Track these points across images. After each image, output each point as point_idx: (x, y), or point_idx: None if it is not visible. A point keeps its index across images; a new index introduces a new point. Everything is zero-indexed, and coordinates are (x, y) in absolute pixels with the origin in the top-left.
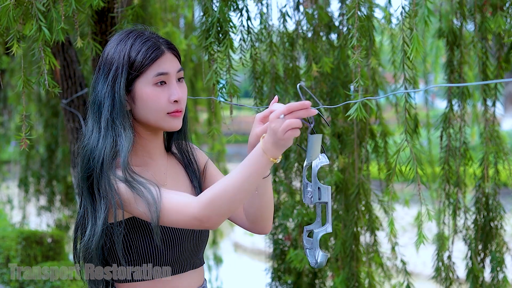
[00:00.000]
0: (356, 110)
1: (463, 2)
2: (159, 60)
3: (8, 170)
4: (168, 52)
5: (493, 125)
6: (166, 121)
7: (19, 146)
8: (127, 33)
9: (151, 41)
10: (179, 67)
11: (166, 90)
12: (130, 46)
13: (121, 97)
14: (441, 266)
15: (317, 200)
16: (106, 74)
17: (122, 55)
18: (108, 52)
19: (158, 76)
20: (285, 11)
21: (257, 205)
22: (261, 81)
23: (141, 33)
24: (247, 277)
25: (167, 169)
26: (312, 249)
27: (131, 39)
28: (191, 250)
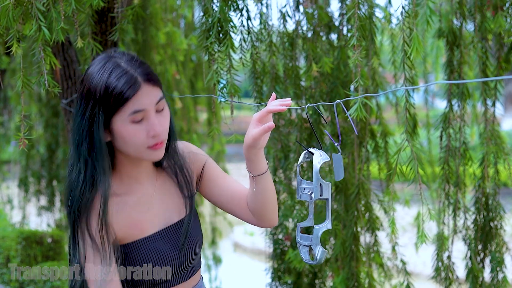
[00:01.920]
0: (356, 110)
1: (463, 2)
2: (135, 97)
3: (8, 170)
4: (145, 84)
5: (493, 125)
6: (147, 154)
7: (18, 146)
8: (104, 62)
9: (127, 76)
10: (159, 97)
11: (144, 126)
12: (106, 81)
13: (100, 138)
14: (441, 266)
15: (319, 196)
16: (84, 110)
17: (99, 91)
18: (85, 85)
19: (134, 114)
20: (285, 11)
21: (260, 202)
22: (261, 81)
23: (118, 64)
24: (247, 277)
25: (156, 189)
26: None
27: (107, 72)
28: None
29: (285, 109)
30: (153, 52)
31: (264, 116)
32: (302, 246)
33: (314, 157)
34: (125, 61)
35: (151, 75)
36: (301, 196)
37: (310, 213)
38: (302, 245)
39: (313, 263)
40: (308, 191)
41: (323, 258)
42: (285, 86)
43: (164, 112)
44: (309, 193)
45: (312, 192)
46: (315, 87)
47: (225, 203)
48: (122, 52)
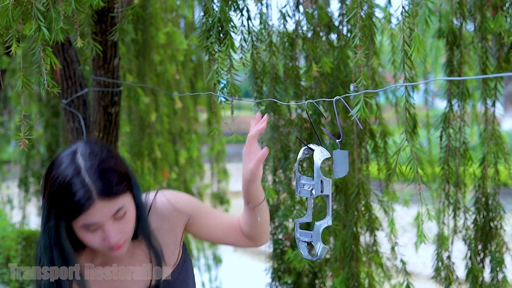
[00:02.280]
0: (359, 110)
1: (463, 2)
2: (87, 212)
3: (8, 170)
4: (100, 200)
5: (493, 125)
6: (107, 251)
7: (18, 146)
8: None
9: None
10: (116, 209)
11: (99, 233)
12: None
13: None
14: (440, 266)
15: (320, 193)
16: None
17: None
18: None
19: (86, 226)
20: (285, 11)
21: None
22: (261, 81)
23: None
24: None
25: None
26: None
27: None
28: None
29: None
30: (153, 52)
31: (251, 144)
32: (301, 242)
33: (314, 154)
34: (86, 168)
35: (109, 189)
36: (300, 192)
37: (308, 208)
38: (301, 241)
39: (313, 259)
40: (308, 187)
41: (323, 254)
42: (285, 86)
43: (125, 218)
44: (309, 189)
45: (313, 188)
46: (315, 87)
47: (219, 238)
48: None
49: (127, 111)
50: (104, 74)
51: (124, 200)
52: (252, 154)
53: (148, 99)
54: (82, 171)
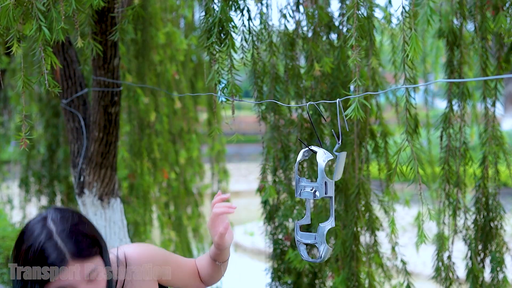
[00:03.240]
0: (353, 110)
1: (463, 2)
2: (60, 275)
3: (8, 170)
4: (74, 261)
5: (493, 125)
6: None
7: (19, 146)
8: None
9: (55, 253)
10: (88, 272)
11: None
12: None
13: None
14: (441, 266)
15: (324, 194)
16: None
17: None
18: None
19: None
20: (286, 11)
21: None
22: (261, 81)
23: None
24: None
25: None
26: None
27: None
28: None
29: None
30: (153, 52)
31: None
32: (301, 244)
33: (318, 155)
34: (58, 232)
35: (81, 251)
36: (301, 194)
37: (307, 211)
38: (301, 243)
39: (316, 261)
40: (311, 189)
41: (327, 256)
42: (286, 86)
43: (98, 280)
44: (311, 191)
45: (316, 190)
46: (315, 87)
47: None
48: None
49: (127, 111)
50: (104, 74)
51: (96, 262)
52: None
53: (148, 99)
54: (54, 235)
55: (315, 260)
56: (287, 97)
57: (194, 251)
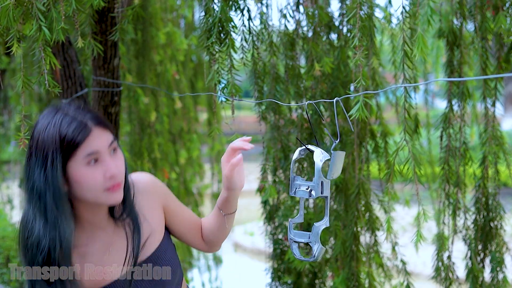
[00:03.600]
0: (358, 110)
1: (463, 2)
2: (87, 140)
3: (8, 170)
4: (96, 128)
5: (493, 125)
6: (105, 197)
7: (18, 146)
8: (53, 114)
9: (76, 121)
10: (110, 140)
11: (99, 167)
12: (58, 129)
13: (60, 185)
14: (441, 266)
15: (320, 194)
16: (41, 162)
17: (53, 140)
18: (38, 138)
19: (88, 156)
20: (286, 11)
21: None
22: (262, 81)
23: (66, 113)
24: (247, 277)
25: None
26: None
27: (57, 122)
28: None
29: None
30: (153, 52)
31: (230, 155)
32: (294, 243)
33: (315, 155)
34: (72, 110)
35: (100, 119)
36: (296, 193)
37: (300, 209)
38: (294, 241)
39: (310, 260)
40: (306, 188)
41: (321, 255)
42: (286, 86)
43: (118, 154)
44: (307, 190)
45: (311, 189)
46: (315, 87)
47: (182, 234)
48: (68, 103)
49: (127, 111)
50: (104, 74)
51: (113, 137)
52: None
53: (148, 99)
54: (70, 111)
55: (308, 259)
56: (287, 97)
57: (194, 251)
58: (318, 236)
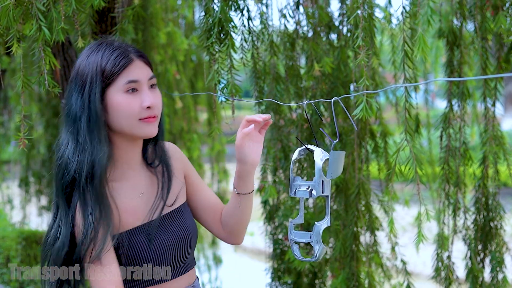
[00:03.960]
0: (361, 110)
1: (463, 2)
2: (128, 67)
3: (8, 170)
4: (138, 59)
5: (493, 125)
6: (140, 128)
7: (18, 146)
8: (97, 45)
9: (120, 50)
10: (151, 75)
11: (137, 97)
12: (101, 56)
13: (97, 109)
14: (440, 266)
15: (321, 193)
16: (80, 87)
17: (94, 66)
18: (79, 65)
19: (129, 84)
20: (286, 11)
21: (237, 218)
22: (262, 81)
23: (110, 43)
24: (247, 277)
25: (147, 178)
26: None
27: (101, 50)
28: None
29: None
30: (153, 52)
31: (244, 126)
32: (294, 244)
33: (315, 154)
34: (117, 42)
35: (143, 54)
36: (296, 193)
37: (300, 210)
38: (294, 242)
39: (311, 260)
40: (307, 188)
41: (322, 255)
42: (286, 86)
43: (156, 91)
44: (308, 190)
45: (312, 189)
46: (315, 87)
47: (201, 212)
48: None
49: None
50: None
51: (153, 74)
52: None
53: None
54: (115, 43)
55: (310, 259)
56: (287, 97)
57: None
58: (319, 236)
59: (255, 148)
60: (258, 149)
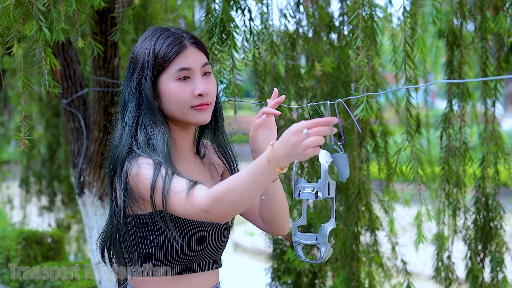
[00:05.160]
0: (362, 110)
1: (463, 2)
2: (181, 54)
3: (8, 170)
4: (192, 46)
5: (493, 125)
6: (192, 115)
7: (18, 146)
8: (153, 30)
9: (174, 36)
10: (205, 62)
11: (189, 84)
12: (154, 42)
13: (147, 95)
14: (440, 266)
15: (327, 195)
16: (132, 72)
17: (147, 52)
18: (134, 51)
19: (181, 71)
20: (286, 11)
21: (269, 209)
22: (263, 81)
23: (166, 29)
24: (247, 277)
25: (195, 167)
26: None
27: (155, 36)
28: (210, 250)
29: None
30: None
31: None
32: (298, 245)
33: (320, 156)
34: (173, 28)
35: (197, 40)
36: (300, 195)
37: (303, 211)
38: (299, 244)
39: (317, 261)
40: (311, 190)
41: (328, 256)
42: (287, 86)
43: (211, 78)
44: (313, 192)
45: (317, 191)
46: (316, 87)
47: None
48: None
49: None
50: (104, 74)
51: (208, 60)
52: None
53: None
54: (171, 29)
55: (316, 260)
56: (288, 97)
57: None
58: (326, 238)
59: (269, 135)
60: (272, 136)
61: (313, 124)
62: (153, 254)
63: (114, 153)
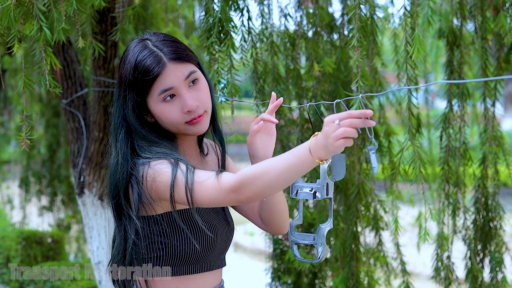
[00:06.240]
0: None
1: (463, 2)
2: (160, 76)
3: (8, 170)
4: (171, 63)
5: (493, 125)
6: (188, 129)
7: (20, 146)
8: (133, 48)
9: (151, 57)
10: (187, 73)
11: (176, 102)
12: (134, 65)
13: (132, 122)
14: (440, 266)
15: (325, 196)
16: (117, 96)
17: (128, 75)
18: (120, 71)
19: (164, 93)
20: (287, 11)
21: (268, 210)
22: (263, 81)
23: (145, 46)
24: (247, 277)
25: (202, 166)
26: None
27: (134, 56)
28: (218, 249)
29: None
30: None
31: (257, 123)
32: (294, 245)
33: None
34: (153, 42)
35: (178, 53)
36: (298, 195)
37: (300, 211)
38: (295, 243)
39: (314, 261)
40: (309, 190)
41: (325, 256)
42: (287, 86)
43: (198, 85)
44: (311, 192)
45: (315, 191)
46: (316, 87)
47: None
48: (154, 33)
49: None
50: (104, 74)
51: (193, 67)
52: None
53: None
54: (150, 45)
55: (313, 260)
56: (288, 97)
57: None
58: (324, 238)
59: (266, 141)
60: (270, 143)
61: (345, 116)
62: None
63: (113, 180)
